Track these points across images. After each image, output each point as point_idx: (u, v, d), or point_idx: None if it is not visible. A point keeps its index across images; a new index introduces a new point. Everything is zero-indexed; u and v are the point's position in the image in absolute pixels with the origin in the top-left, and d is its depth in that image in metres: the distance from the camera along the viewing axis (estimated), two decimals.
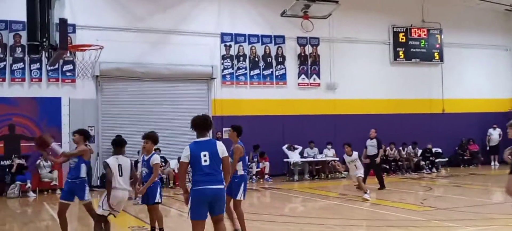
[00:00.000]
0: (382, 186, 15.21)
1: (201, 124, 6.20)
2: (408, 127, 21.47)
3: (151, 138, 8.39)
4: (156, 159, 8.30)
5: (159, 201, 8.42)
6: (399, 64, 22.49)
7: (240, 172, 8.32)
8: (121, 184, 7.48)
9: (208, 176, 5.97)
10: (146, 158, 8.38)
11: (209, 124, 6.25)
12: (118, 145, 7.79)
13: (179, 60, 18.69)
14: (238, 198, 8.25)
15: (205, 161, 6.00)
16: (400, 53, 22.47)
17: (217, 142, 6.27)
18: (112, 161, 7.52)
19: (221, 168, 6.11)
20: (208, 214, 6.08)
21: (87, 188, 8.22)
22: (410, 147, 21.28)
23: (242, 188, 8.28)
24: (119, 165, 7.50)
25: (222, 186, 6.07)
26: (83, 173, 8.12)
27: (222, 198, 6.11)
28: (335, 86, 21.10)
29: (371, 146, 15.59)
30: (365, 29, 21.81)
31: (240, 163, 8.35)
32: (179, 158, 6.54)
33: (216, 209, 6.08)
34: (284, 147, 19.28)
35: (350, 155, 13.45)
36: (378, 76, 21.97)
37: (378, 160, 15.56)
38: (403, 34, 22.55)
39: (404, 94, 22.22)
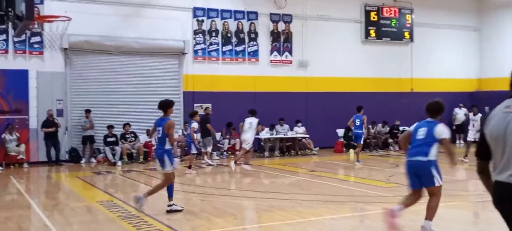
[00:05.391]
0: None
1: (432, 108, 7.04)
2: (378, 105, 21.66)
3: None
4: None
5: None
6: (370, 43, 22.67)
7: None
8: None
9: (417, 148, 6.72)
10: None
11: (440, 108, 7.06)
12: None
13: (150, 34, 18.44)
14: None
15: (421, 135, 6.77)
16: (372, 32, 22.63)
17: (439, 124, 6.86)
18: None
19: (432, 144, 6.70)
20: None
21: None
22: (380, 125, 21.62)
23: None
24: None
25: (425, 159, 6.63)
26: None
27: (425, 170, 6.65)
28: (307, 64, 21.15)
29: None
30: (338, 7, 21.86)
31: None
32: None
33: (424, 181, 6.71)
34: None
35: None
36: (350, 55, 22.12)
37: None
38: (375, 13, 22.69)
39: (374, 73, 22.45)
